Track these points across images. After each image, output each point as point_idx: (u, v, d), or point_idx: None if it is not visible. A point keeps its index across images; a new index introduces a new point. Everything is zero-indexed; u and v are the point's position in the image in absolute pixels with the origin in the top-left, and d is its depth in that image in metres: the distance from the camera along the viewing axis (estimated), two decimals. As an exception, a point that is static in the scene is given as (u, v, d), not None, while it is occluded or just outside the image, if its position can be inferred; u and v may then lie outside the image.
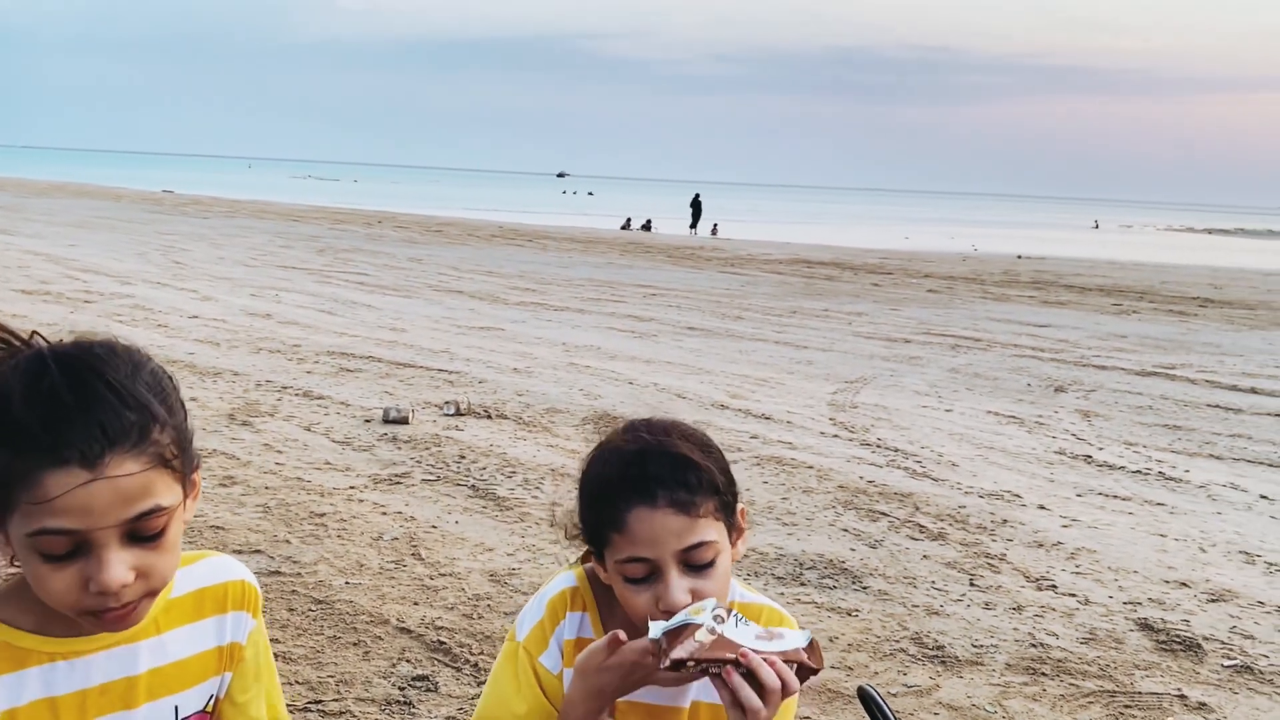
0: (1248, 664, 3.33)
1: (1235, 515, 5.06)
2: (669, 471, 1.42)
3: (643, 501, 1.41)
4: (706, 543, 1.41)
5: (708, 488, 1.43)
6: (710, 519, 1.43)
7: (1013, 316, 13.35)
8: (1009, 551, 4.34)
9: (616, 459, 1.46)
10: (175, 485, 1.16)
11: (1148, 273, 23.35)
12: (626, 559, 1.42)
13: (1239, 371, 9.57)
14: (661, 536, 1.41)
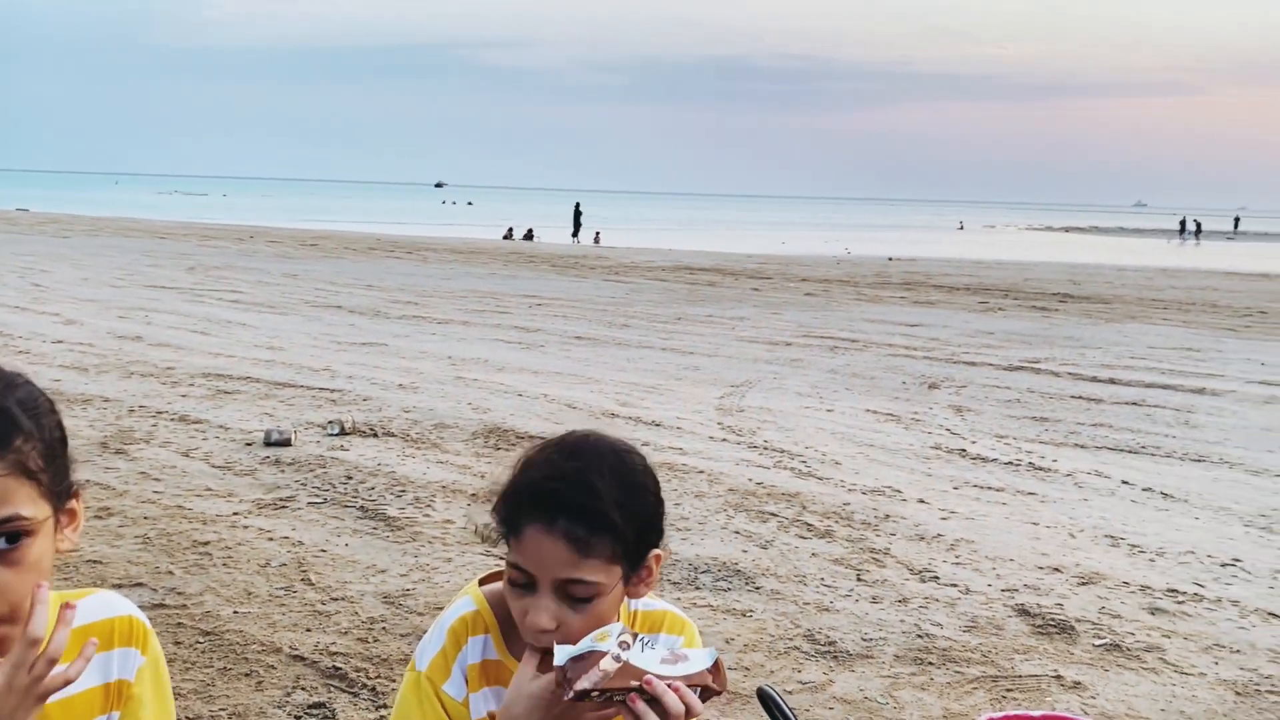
0: (1116, 642, 3.53)
1: (1100, 501, 5.33)
2: (576, 503, 1.40)
3: (541, 521, 1.40)
4: (588, 583, 1.40)
5: (609, 533, 1.41)
6: (602, 561, 1.40)
7: (886, 317, 13.78)
8: (893, 546, 4.48)
9: (543, 468, 1.45)
10: (41, 502, 1.13)
11: (1011, 271, 24.39)
12: (514, 564, 1.43)
13: (1098, 363, 10.08)
14: (547, 561, 1.40)
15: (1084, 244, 47.75)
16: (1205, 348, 11.54)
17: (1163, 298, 18.09)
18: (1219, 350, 11.36)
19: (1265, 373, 9.77)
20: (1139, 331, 12.97)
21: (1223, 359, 10.67)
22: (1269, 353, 11.26)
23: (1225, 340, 12.36)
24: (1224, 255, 38.69)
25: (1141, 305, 16.62)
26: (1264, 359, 10.73)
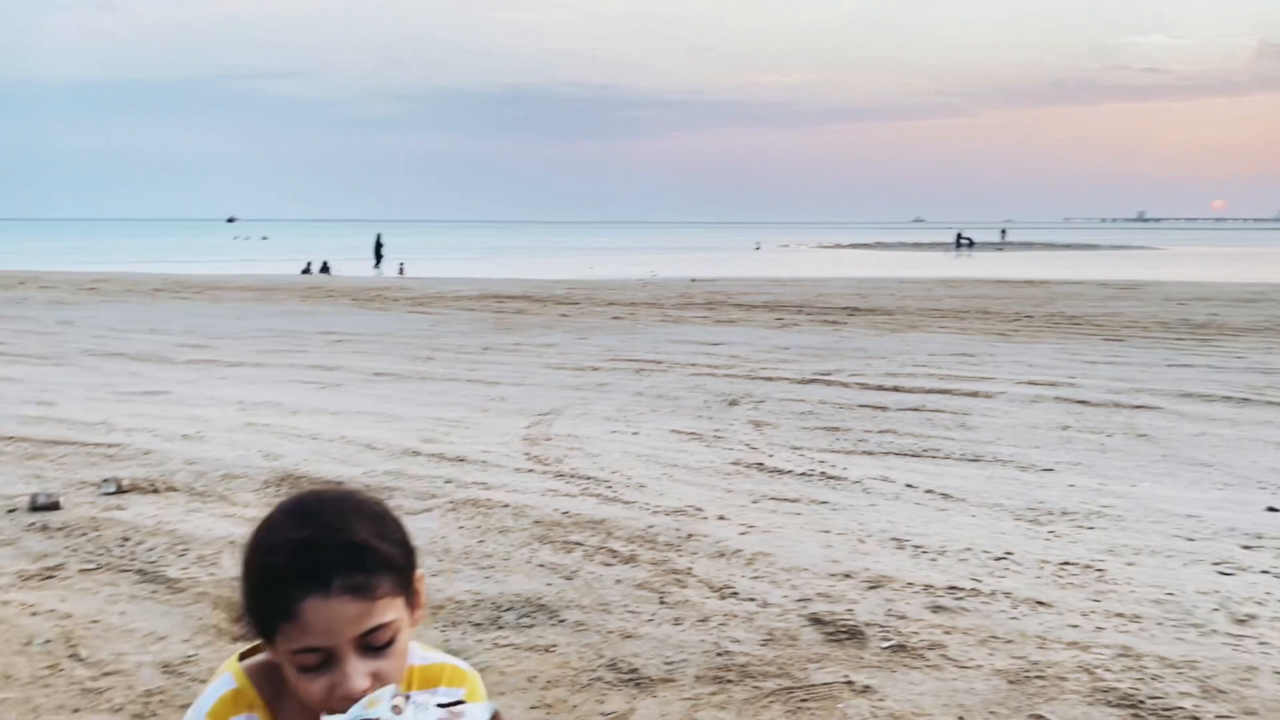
0: (902, 643, 3.68)
1: (887, 505, 5.59)
2: (343, 557, 1.36)
3: (316, 591, 1.34)
4: (385, 624, 1.38)
5: (384, 568, 1.39)
6: (388, 599, 1.39)
7: (690, 337, 14.08)
8: (695, 565, 4.54)
9: (285, 545, 1.37)
10: None
11: (804, 287, 25.46)
12: (300, 649, 1.36)
13: (883, 372, 10.60)
14: (338, 625, 1.35)
15: (870, 259, 50.42)
16: (979, 353, 12.33)
17: (941, 307, 19.28)
18: (991, 355, 12.16)
19: (1031, 374, 10.52)
20: (920, 340, 13.75)
21: (994, 363, 11.42)
22: (1034, 355, 12.15)
23: (997, 345, 13.24)
24: (994, 265, 41.68)
25: (922, 315, 17.64)
26: (1030, 361, 11.56)
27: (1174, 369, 10.87)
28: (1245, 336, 14.20)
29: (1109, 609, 4.01)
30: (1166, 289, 24.69)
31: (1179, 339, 13.92)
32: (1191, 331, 14.89)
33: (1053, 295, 22.48)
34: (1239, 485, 6.08)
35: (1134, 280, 28.89)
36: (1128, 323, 16.21)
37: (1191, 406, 8.63)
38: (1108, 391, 9.33)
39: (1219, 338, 14.04)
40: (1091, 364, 11.27)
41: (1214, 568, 4.52)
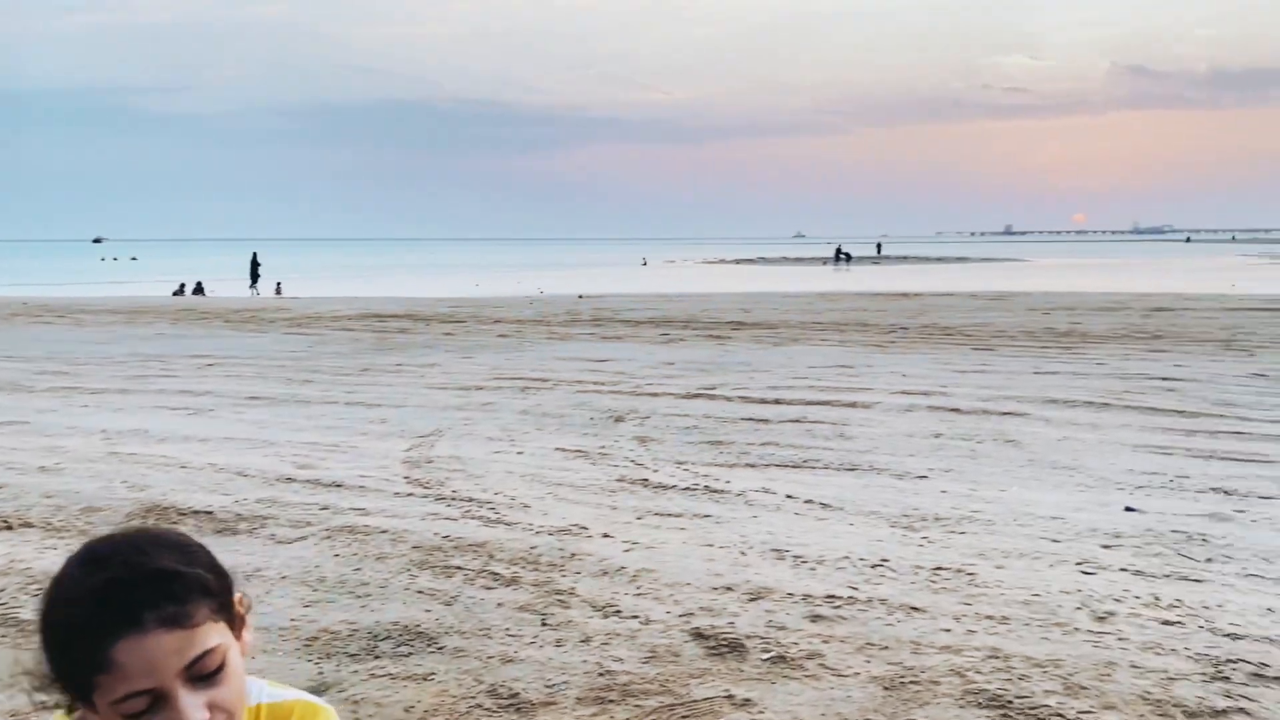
0: (781, 654, 3.72)
1: (768, 517, 5.65)
2: (151, 590, 1.29)
3: (128, 631, 1.27)
4: (210, 650, 1.32)
5: (198, 593, 1.33)
6: (208, 624, 1.33)
7: (576, 354, 14.05)
8: (578, 585, 4.50)
9: (84, 594, 1.29)
10: None
11: (690, 303, 25.72)
12: (123, 697, 1.28)
13: (766, 385, 10.76)
14: (159, 661, 1.28)
15: (753, 274, 51.30)
16: (857, 364, 12.64)
17: (821, 320, 19.73)
18: (869, 365, 12.48)
19: (906, 383, 10.83)
20: (801, 353, 14.03)
21: (872, 373, 11.72)
22: (909, 365, 12.52)
23: (874, 356, 13.60)
24: (871, 278, 42.89)
25: (804, 328, 18.02)
26: (905, 371, 11.91)
27: (1040, 376, 11.33)
28: (1105, 343, 14.92)
29: (979, 612, 4.12)
30: (1032, 299, 25.79)
31: (1044, 347, 14.53)
32: (1056, 340, 15.56)
33: (926, 307, 23.23)
34: (1099, 487, 6.35)
35: (1002, 291, 30.09)
36: (996, 332, 16.85)
37: (1056, 412, 9.00)
38: (978, 399, 9.67)
39: (1081, 345, 14.72)
40: (962, 373, 11.66)
41: (1077, 568, 4.70)
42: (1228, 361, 12.61)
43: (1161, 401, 9.49)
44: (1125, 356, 13.22)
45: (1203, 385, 10.52)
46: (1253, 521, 5.50)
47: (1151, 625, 3.96)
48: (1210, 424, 8.40)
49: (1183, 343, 14.92)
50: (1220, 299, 25.37)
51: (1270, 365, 12.18)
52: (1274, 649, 3.73)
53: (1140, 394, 9.96)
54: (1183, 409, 9.09)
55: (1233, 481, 6.43)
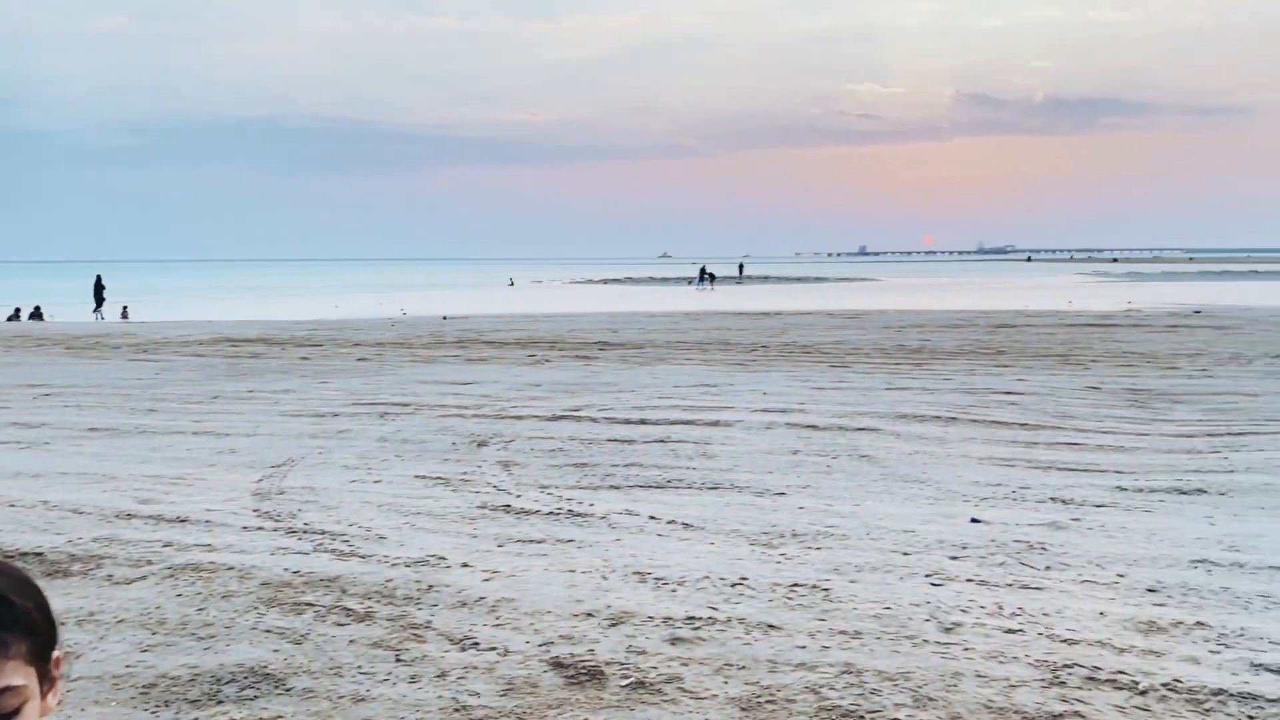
0: (641, 679, 3.70)
1: (631, 539, 5.65)
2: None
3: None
4: (14, 687, 1.24)
5: (23, 627, 1.26)
6: (21, 661, 1.25)
7: (439, 377, 13.81)
8: (435, 618, 4.39)
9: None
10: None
11: (557, 323, 25.67)
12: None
13: (631, 406, 10.79)
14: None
15: (620, 294, 51.62)
16: (720, 383, 12.82)
17: (686, 340, 19.96)
18: (731, 384, 12.67)
19: (767, 401, 11.03)
20: (667, 373, 14.14)
21: (734, 392, 11.91)
22: (770, 383, 12.77)
23: (736, 374, 13.82)
24: (733, 298, 43.73)
25: (669, 348, 18.19)
26: (766, 389, 12.14)
27: (892, 392, 11.72)
28: (953, 359, 15.57)
29: (834, 627, 4.20)
30: (886, 317, 26.75)
31: (897, 364, 15.07)
32: (907, 356, 16.16)
33: (786, 326, 23.80)
34: (947, 499, 6.59)
35: (858, 310, 31.12)
36: (852, 349, 17.39)
37: (907, 427, 9.32)
38: (834, 416, 9.93)
39: (931, 361, 15.32)
40: (820, 390, 11.97)
41: (926, 580, 4.85)
42: (1065, 375, 13.32)
43: (1005, 415, 9.94)
44: (971, 372, 13.81)
45: (1042, 398, 11.07)
46: (1087, 529, 5.79)
47: (995, 634, 4.11)
48: (1049, 435, 8.84)
49: (1024, 358, 15.70)
50: (1058, 315, 26.84)
51: (1104, 378, 12.93)
52: (1106, 652, 3.92)
53: (985, 408, 10.41)
54: (1024, 422, 9.54)
55: (1069, 491, 6.76)
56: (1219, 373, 13.44)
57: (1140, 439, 8.66)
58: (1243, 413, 9.94)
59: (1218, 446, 8.27)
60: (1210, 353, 16.15)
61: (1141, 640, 4.03)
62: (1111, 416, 9.82)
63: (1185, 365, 14.43)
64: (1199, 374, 13.32)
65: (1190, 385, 12.09)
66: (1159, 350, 16.69)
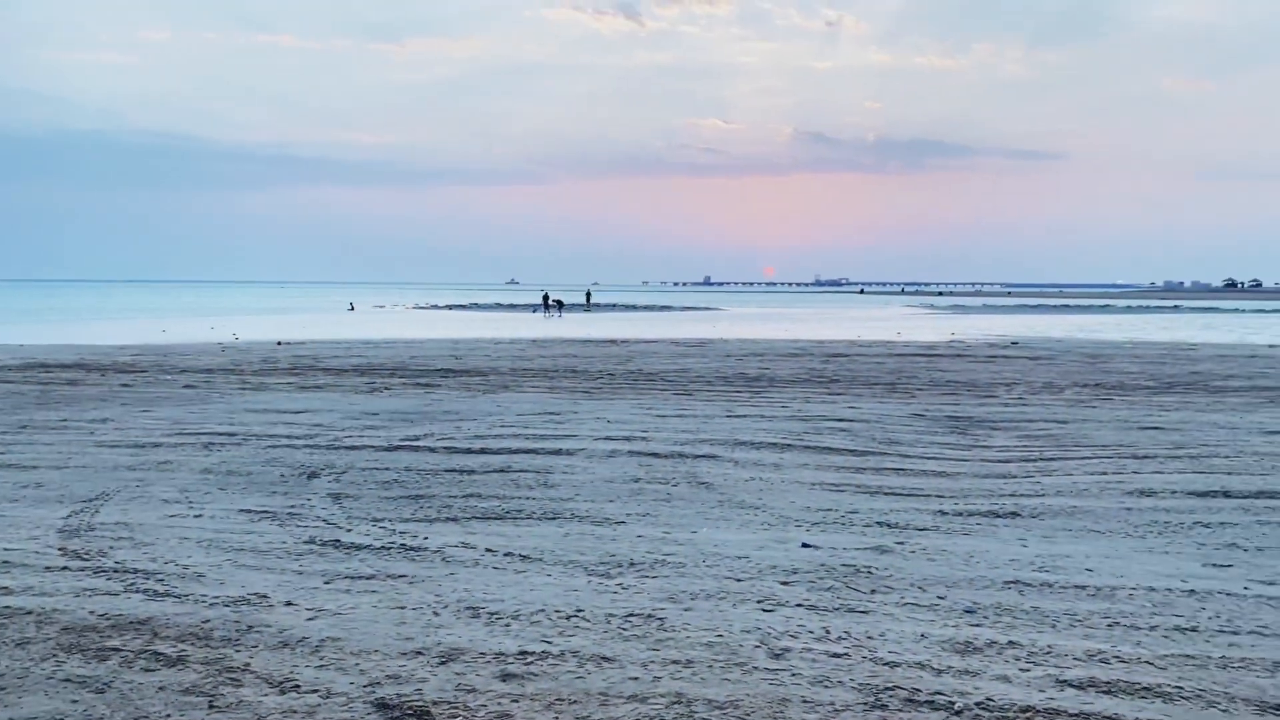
0: (468, 719, 3.60)
1: (465, 573, 5.53)
2: None
3: None
4: None
5: None
6: None
7: (270, 405, 13.27)
8: (253, 660, 4.18)
9: None
10: None
11: (398, 349, 25.11)
12: None
13: (473, 435, 10.62)
14: None
15: (467, 320, 51.00)
16: (564, 410, 12.78)
17: (532, 367, 19.85)
18: (575, 412, 12.65)
19: (610, 429, 11.06)
20: (511, 400, 14.01)
21: (578, 420, 11.88)
22: (614, 411, 12.81)
23: (581, 402, 13.80)
24: (581, 325, 43.85)
25: (515, 375, 18.04)
26: (610, 417, 12.17)
27: (732, 419, 11.95)
28: (790, 387, 16.02)
29: (667, 657, 4.21)
30: (729, 346, 27.33)
31: (737, 391, 15.39)
32: (747, 384, 16.53)
33: (632, 354, 24.00)
34: (780, 525, 6.74)
35: (702, 339, 31.70)
36: (695, 378, 17.67)
37: (744, 454, 9.50)
38: (675, 443, 10.03)
39: (769, 389, 15.72)
40: (663, 417, 12.09)
41: (758, 606, 4.93)
42: (892, 403, 13.89)
43: (836, 441, 10.27)
44: (807, 399, 14.24)
45: (871, 425, 11.50)
46: (911, 553, 6.01)
47: (821, 659, 4.20)
48: (876, 461, 9.17)
49: (855, 386, 16.30)
50: (887, 346, 28.04)
51: (928, 406, 13.54)
52: (925, 674, 4.06)
53: (818, 434, 10.73)
54: (854, 448, 9.87)
55: (894, 515, 7.02)
56: (1033, 401, 14.28)
57: (960, 464, 9.09)
58: (1054, 439, 10.58)
59: (1030, 471, 8.76)
60: (1025, 382, 17.16)
61: (959, 661, 4.19)
62: (935, 443, 10.28)
63: (1003, 394, 15.28)
64: (1015, 402, 14.12)
65: (1007, 413, 12.80)
66: (979, 379, 17.61)
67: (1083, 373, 19.07)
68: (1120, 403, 14.11)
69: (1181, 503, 7.45)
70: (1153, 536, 6.47)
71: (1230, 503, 7.44)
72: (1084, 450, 9.81)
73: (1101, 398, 14.79)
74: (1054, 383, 17.05)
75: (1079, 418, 12.32)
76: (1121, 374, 18.81)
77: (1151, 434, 10.88)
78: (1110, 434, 10.88)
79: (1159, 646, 4.38)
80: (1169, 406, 13.64)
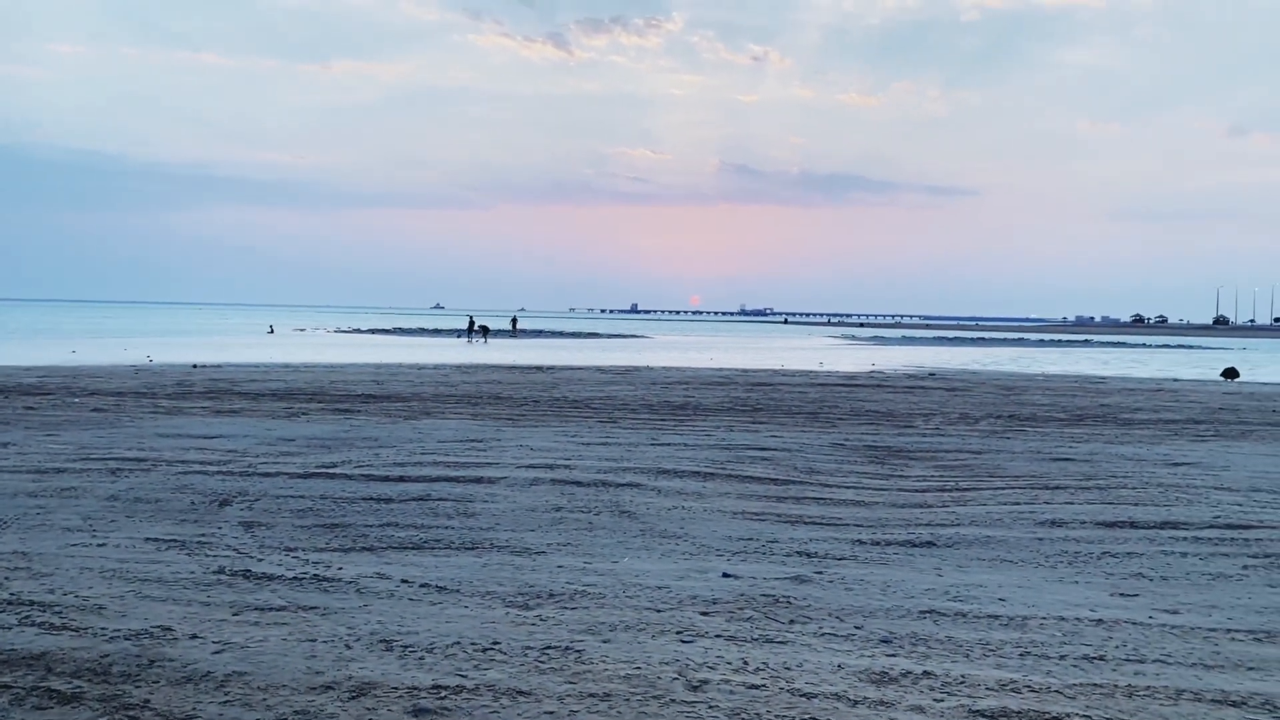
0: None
1: (380, 604, 5.40)
2: None
3: None
4: None
5: None
6: None
7: (183, 430, 12.90)
8: (154, 696, 4.01)
9: None
10: None
11: (319, 374, 24.66)
12: None
13: (392, 462, 10.44)
14: None
15: (390, 344, 50.35)
16: (487, 438, 12.64)
17: (456, 393, 19.64)
18: (498, 439, 12.52)
19: (533, 457, 10.96)
20: (432, 427, 13.82)
21: (500, 447, 11.75)
22: (538, 438, 12.71)
23: (504, 430, 13.67)
24: (507, 352, 43.60)
25: (437, 401, 17.82)
26: (533, 444, 12.06)
27: (656, 447, 11.95)
28: (714, 415, 16.09)
29: (584, 690, 4.15)
30: (654, 374, 27.41)
31: (662, 419, 15.40)
32: (672, 412, 16.56)
33: (557, 380, 23.91)
34: (701, 554, 6.73)
35: (628, 366, 31.74)
36: (620, 405, 17.64)
37: (668, 482, 9.50)
38: (598, 471, 9.98)
39: (693, 418, 15.76)
40: (587, 445, 12.03)
41: (677, 637, 4.90)
42: (814, 432, 14.04)
43: (758, 470, 10.33)
44: (730, 428, 14.31)
45: (793, 454, 11.60)
46: (829, 582, 6.05)
47: (740, 690, 4.18)
48: (797, 490, 9.24)
49: (779, 415, 16.45)
50: (810, 375, 28.41)
51: (848, 435, 13.71)
52: (841, 705, 4.07)
53: (741, 463, 10.78)
54: (776, 477, 9.94)
55: (814, 544, 7.07)
56: (950, 431, 14.57)
57: (879, 494, 9.21)
58: (969, 469, 10.79)
59: (946, 501, 8.92)
60: (942, 413, 17.51)
61: (874, 691, 4.22)
62: (854, 472, 10.41)
63: (920, 424, 15.56)
64: (932, 432, 14.39)
65: (924, 443, 13.02)
66: (897, 410, 17.92)
67: (997, 404, 19.53)
68: (1033, 434, 14.47)
69: (1090, 533, 7.64)
70: (1063, 566, 6.62)
71: (1137, 533, 7.65)
72: (998, 481, 10.01)
73: (1015, 429, 15.15)
74: (969, 414, 17.43)
75: (993, 448, 12.59)
76: (1034, 406, 19.31)
77: (1063, 465, 11.17)
78: (1023, 465, 11.14)
79: (1068, 675, 4.46)
80: (1079, 438, 14.03)
